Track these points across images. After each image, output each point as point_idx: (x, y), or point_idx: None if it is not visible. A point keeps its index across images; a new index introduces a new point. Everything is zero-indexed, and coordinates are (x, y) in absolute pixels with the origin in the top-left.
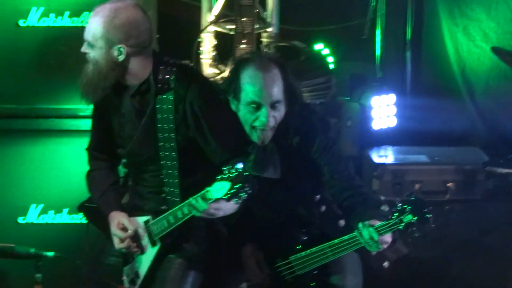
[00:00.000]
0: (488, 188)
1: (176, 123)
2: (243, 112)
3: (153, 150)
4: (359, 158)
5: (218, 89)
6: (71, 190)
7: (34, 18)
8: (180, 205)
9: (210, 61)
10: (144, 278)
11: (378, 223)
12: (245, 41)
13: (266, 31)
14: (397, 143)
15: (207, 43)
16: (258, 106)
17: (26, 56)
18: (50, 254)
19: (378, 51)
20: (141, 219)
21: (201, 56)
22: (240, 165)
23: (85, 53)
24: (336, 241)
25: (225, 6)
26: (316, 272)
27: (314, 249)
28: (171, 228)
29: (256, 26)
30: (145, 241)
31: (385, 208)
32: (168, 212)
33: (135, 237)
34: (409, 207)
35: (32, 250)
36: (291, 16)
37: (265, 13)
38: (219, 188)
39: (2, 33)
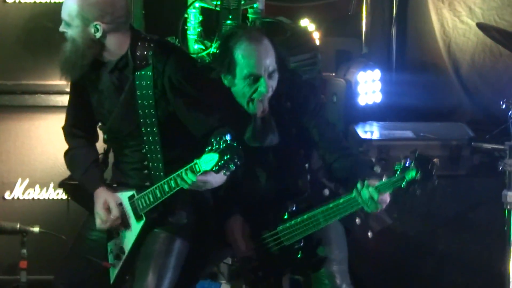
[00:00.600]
0: (474, 164)
1: (156, 98)
2: (240, 86)
3: (133, 126)
4: (345, 134)
5: (208, 67)
6: (57, 166)
7: None
8: (167, 179)
9: (196, 37)
10: (128, 253)
11: (378, 182)
12: (231, 17)
13: (252, 7)
14: (383, 118)
15: (193, 19)
16: (256, 78)
17: (12, 32)
18: (36, 229)
19: (364, 27)
20: (126, 194)
21: (187, 32)
22: (228, 136)
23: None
24: (330, 205)
25: None
26: (302, 244)
27: (305, 216)
28: (157, 202)
29: (242, 1)
30: (130, 216)
31: (377, 169)
32: (154, 186)
33: (120, 214)
34: (413, 163)
35: (18, 226)
36: None
37: None
38: (208, 160)
39: None
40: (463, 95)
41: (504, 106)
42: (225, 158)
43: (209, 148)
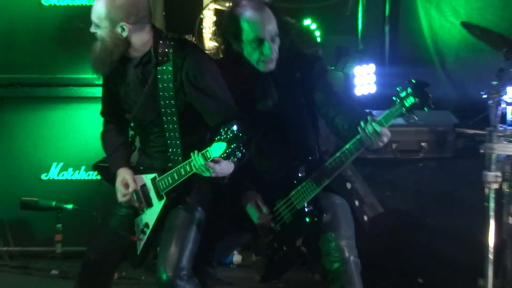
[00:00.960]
0: (458, 147)
1: (175, 90)
2: (248, 50)
3: (155, 115)
4: None
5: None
6: (87, 150)
7: None
8: (183, 164)
9: (210, 35)
10: (152, 228)
11: (380, 116)
12: None
13: None
14: (377, 107)
15: (208, 20)
16: (260, 42)
17: (48, 32)
18: (69, 206)
19: (360, 26)
20: (149, 176)
21: (203, 31)
22: (235, 127)
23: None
24: (337, 154)
25: None
26: (311, 208)
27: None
28: (175, 184)
29: None
30: (152, 195)
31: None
32: (173, 170)
33: (143, 192)
34: (410, 90)
35: (54, 203)
36: None
37: None
38: (217, 148)
39: (27, 11)
40: (448, 86)
41: (484, 96)
42: (232, 146)
43: (218, 137)
